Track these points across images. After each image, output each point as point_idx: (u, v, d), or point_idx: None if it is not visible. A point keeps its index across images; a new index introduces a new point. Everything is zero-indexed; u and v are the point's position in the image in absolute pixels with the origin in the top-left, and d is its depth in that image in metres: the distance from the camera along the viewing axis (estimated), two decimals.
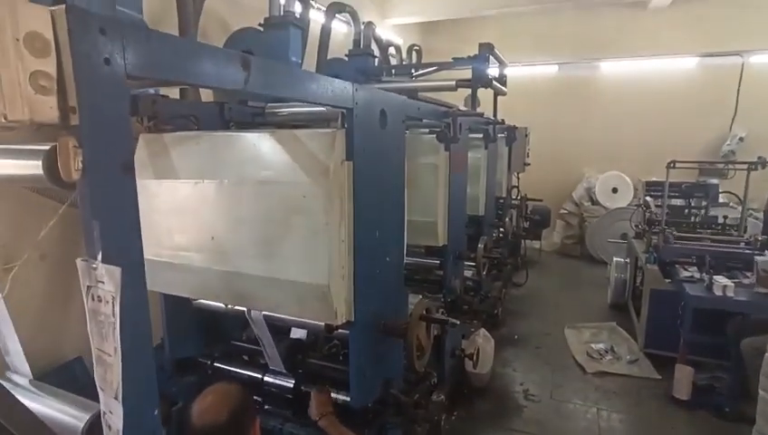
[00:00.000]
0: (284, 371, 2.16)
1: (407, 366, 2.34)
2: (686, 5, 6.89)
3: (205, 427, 1.38)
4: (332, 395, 1.99)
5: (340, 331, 1.99)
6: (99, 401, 1.01)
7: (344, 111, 1.64)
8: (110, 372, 0.81)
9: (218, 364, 2.36)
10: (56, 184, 0.83)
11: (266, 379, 2.22)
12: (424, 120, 2.92)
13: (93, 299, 0.80)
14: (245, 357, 2.47)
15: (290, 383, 2.15)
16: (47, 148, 0.85)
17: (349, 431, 1.74)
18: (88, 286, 0.80)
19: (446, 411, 3.11)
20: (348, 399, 2.00)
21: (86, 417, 0.99)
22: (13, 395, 0.83)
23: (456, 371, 3.43)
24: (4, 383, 1.08)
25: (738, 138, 6.92)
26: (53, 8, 0.70)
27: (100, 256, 0.77)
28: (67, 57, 0.71)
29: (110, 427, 0.83)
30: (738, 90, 6.95)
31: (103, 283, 0.78)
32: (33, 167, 0.86)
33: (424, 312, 2.04)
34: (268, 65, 1.19)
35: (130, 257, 0.81)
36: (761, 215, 5.94)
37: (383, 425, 2.04)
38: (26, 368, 1.19)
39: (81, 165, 0.74)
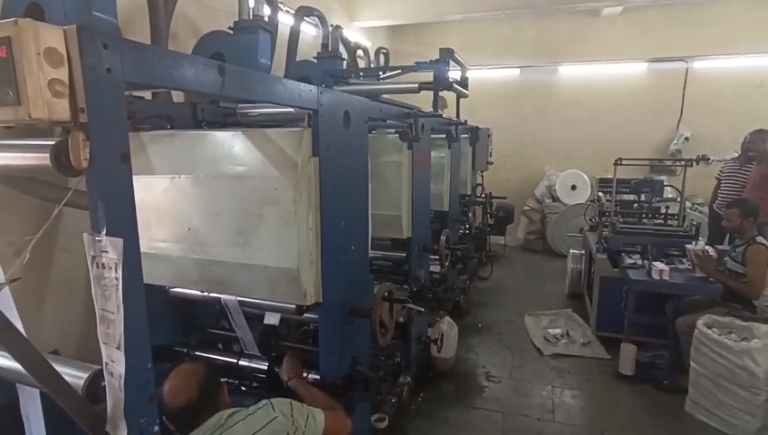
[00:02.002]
0: (259, 354, 2.32)
1: (374, 349, 2.55)
2: (636, 14, 7.38)
3: (180, 406, 1.51)
4: (303, 374, 2.16)
5: (309, 315, 2.17)
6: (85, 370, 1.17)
7: (310, 111, 1.82)
8: (112, 327, 0.97)
9: (194, 352, 2.49)
10: (62, 172, 0.99)
11: (241, 362, 2.37)
12: (388, 121, 3.12)
13: (98, 267, 0.96)
14: (220, 345, 2.62)
15: (264, 365, 2.31)
16: (52, 143, 1.01)
17: (316, 390, 1.91)
18: (93, 256, 0.96)
19: (412, 392, 3.33)
20: (318, 377, 2.18)
21: (85, 376, 1.14)
22: (47, 361, 0.97)
23: (423, 356, 3.66)
24: None
25: (684, 137, 7.45)
26: (66, 28, 0.86)
27: (104, 230, 0.94)
28: (77, 67, 0.88)
29: (112, 374, 1.00)
30: (683, 93, 7.49)
31: (107, 252, 0.94)
32: (41, 158, 1.02)
33: (386, 293, 2.24)
34: (241, 72, 1.36)
35: (128, 230, 0.98)
36: (706, 209, 6.46)
37: (351, 399, 2.23)
38: None
39: (88, 155, 0.90)
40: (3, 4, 2.22)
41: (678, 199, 6.05)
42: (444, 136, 4.26)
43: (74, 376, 1.14)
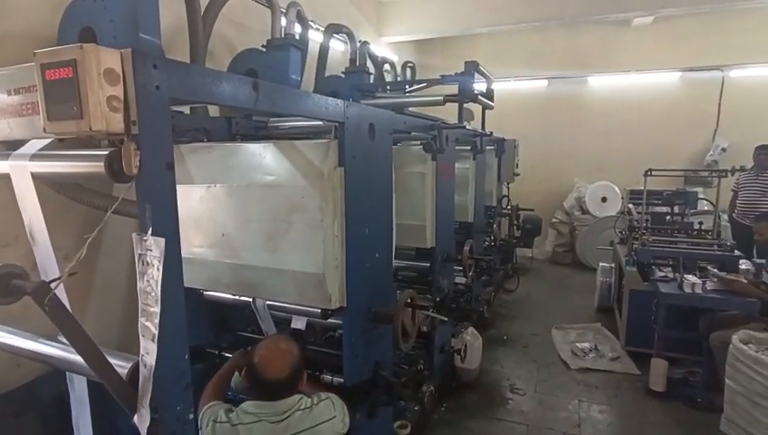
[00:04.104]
0: None
1: (397, 356, 2.59)
2: (668, 23, 7.25)
3: (268, 380, 1.60)
4: (327, 377, 2.23)
5: (334, 320, 2.24)
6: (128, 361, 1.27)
7: (337, 124, 1.92)
8: (151, 321, 1.07)
9: (225, 353, 2.60)
10: (114, 179, 1.11)
11: None
12: (413, 133, 3.20)
13: (143, 264, 1.07)
14: (249, 347, 2.71)
15: None
16: (106, 152, 1.13)
17: (319, 386, 1.99)
18: (139, 254, 1.07)
19: (436, 402, 3.35)
20: (342, 380, 2.24)
21: (128, 365, 1.24)
22: (92, 341, 1.08)
23: (446, 365, 3.67)
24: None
25: (720, 148, 7.21)
26: (123, 51, 0.98)
27: (150, 230, 1.05)
28: (131, 85, 0.99)
29: (145, 365, 1.09)
30: (719, 103, 7.27)
31: (151, 250, 1.04)
32: (95, 166, 1.14)
33: (408, 300, 2.29)
34: (273, 88, 1.47)
35: (171, 231, 1.08)
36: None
37: (374, 403, 2.28)
38: None
39: (138, 163, 1.01)
40: (59, 27, 2.44)
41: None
42: (469, 147, 4.30)
43: (119, 366, 1.25)
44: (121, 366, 1.24)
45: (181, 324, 1.15)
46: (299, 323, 2.57)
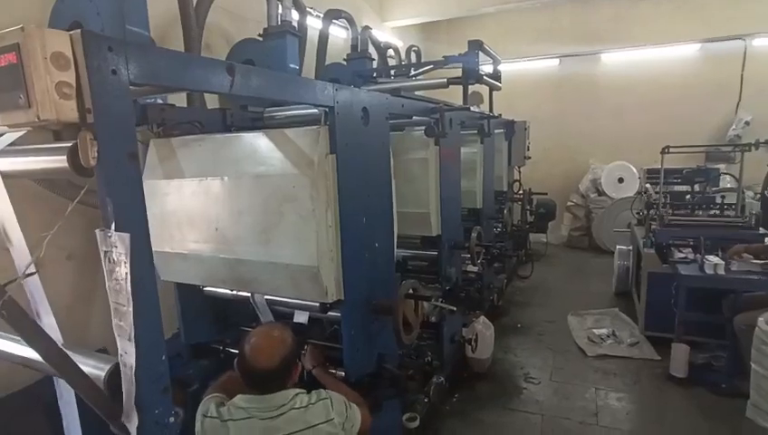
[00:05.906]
0: None
1: (406, 347, 2.51)
2: None
3: (257, 369, 1.54)
4: (331, 371, 2.17)
5: (335, 314, 2.17)
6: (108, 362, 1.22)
7: (326, 109, 1.83)
8: (124, 320, 1.01)
9: (230, 349, 2.56)
10: (77, 172, 1.04)
11: None
12: (415, 118, 3.08)
13: (110, 262, 1.01)
14: None
15: None
16: (69, 145, 1.06)
17: (340, 382, 1.90)
18: (105, 251, 1.01)
19: (446, 393, 3.27)
20: (344, 374, 2.17)
21: (107, 368, 1.19)
22: (64, 351, 1.03)
23: (457, 356, 3.59)
24: None
25: (744, 122, 6.90)
26: (72, 33, 0.91)
27: (113, 226, 0.98)
28: (83, 70, 0.92)
29: (125, 365, 1.04)
30: (742, 74, 6.94)
31: (117, 247, 0.98)
32: (59, 160, 1.07)
33: (410, 290, 2.21)
34: (251, 70, 1.39)
35: (137, 226, 1.02)
36: None
37: (378, 397, 2.21)
38: (58, 335, 1.40)
39: (96, 154, 0.94)
40: (48, 23, 2.40)
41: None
42: (475, 131, 4.15)
43: (98, 368, 1.19)
44: (100, 368, 1.19)
45: (156, 324, 1.09)
46: (301, 318, 2.51)
